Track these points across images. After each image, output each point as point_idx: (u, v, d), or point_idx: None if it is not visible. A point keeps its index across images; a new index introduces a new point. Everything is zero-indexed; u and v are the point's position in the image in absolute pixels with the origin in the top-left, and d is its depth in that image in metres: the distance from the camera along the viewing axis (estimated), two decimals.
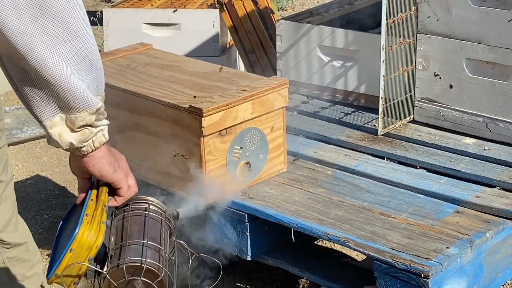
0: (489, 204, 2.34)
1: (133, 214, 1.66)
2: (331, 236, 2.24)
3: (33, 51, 1.35)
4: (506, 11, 2.56)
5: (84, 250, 1.52)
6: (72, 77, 1.40)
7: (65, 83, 1.39)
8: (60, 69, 1.38)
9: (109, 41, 3.92)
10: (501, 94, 2.64)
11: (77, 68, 1.40)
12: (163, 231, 1.67)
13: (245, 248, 2.42)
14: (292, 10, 6.77)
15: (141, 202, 1.70)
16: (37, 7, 1.33)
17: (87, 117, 1.47)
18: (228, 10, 3.73)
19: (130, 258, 1.54)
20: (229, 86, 2.48)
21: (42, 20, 1.34)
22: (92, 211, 1.58)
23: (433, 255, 2.11)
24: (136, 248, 1.57)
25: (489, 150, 2.63)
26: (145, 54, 2.81)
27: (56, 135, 1.47)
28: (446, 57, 2.74)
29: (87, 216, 1.56)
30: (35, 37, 1.34)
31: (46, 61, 1.36)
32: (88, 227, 1.54)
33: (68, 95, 1.41)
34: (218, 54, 3.90)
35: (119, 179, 1.61)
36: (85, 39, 1.40)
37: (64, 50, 1.38)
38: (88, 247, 1.53)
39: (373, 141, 2.76)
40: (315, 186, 2.51)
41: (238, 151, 2.42)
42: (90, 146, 1.53)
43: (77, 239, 1.52)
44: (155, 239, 1.62)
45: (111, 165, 1.58)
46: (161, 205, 1.73)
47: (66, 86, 1.39)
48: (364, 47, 2.95)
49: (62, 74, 1.38)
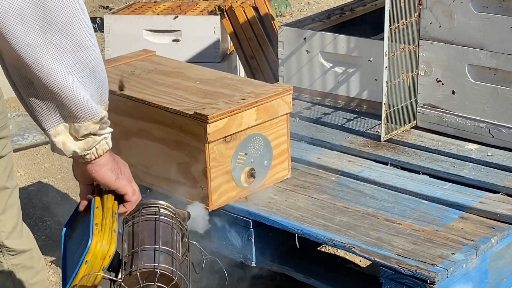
0: (493, 209, 2.35)
1: (144, 219, 1.67)
2: (336, 242, 2.24)
3: (39, 62, 1.38)
4: (509, 18, 2.58)
5: (98, 260, 1.54)
6: (76, 87, 1.42)
7: (69, 93, 1.42)
8: (65, 80, 1.40)
9: (110, 47, 3.93)
10: (504, 100, 2.65)
11: (81, 78, 1.43)
12: (175, 233, 1.68)
13: (249, 255, 2.43)
14: (290, 16, 6.79)
15: (151, 207, 1.71)
16: (43, 19, 1.36)
17: (91, 126, 1.49)
18: (228, 16, 3.74)
19: (143, 264, 1.56)
20: (234, 93, 2.49)
21: (48, 31, 1.37)
22: (101, 220, 1.60)
23: (438, 261, 2.11)
24: (149, 253, 1.59)
25: (492, 156, 2.64)
26: (148, 61, 2.82)
27: (60, 144, 1.50)
28: (449, 63, 2.75)
29: (96, 226, 1.57)
30: (41, 48, 1.37)
31: (51, 72, 1.39)
32: (99, 237, 1.55)
33: (72, 105, 1.44)
34: (219, 60, 3.91)
35: (122, 185, 1.63)
36: (91, 50, 1.43)
37: (69, 61, 1.40)
38: (102, 257, 1.54)
39: (376, 147, 2.77)
40: (319, 192, 2.51)
41: (243, 157, 2.42)
42: (94, 154, 1.55)
43: (91, 250, 1.53)
44: (167, 243, 1.63)
45: (114, 172, 1.60)
46: (171, 207, 1.74)
47: (71, 96, 1.42)
48: (366, 53, 2.96)
49: (66, 85, 1.41)
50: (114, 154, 1.63)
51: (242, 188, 2.47)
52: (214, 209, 2.41)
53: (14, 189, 2.29)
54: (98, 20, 6.13)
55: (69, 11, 1.38)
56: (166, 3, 4.30)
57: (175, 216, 1.72)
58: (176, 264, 1.59)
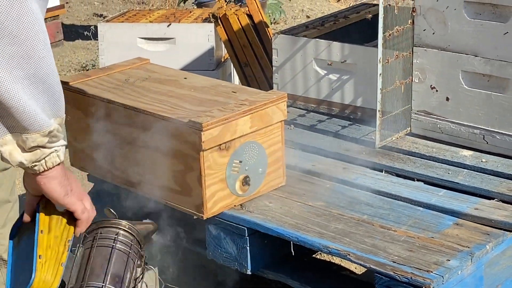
0: (488, 216, 2.35)
1: (100, 244, 1.66)
2: (331, 249, 2.24)
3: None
4: (502, 24, 2.58)
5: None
6: (24, 98, 1.41)
7: (15, 103, 1.41)
8: (11, 89, 1.39)
9: (104, 55, 3.92)
10: (498, 106, 2.66)
11: (32, 90, 1.42)
12: (129, 263, 1.67)
13: (245, 262, 2.42)
14: (284, 24, 6.80)
15: (111, 227, 1.69)
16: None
17: (38, 138, 1.48)
18: (222, 24, 3.74)
19: None
20: (228, 100, 2.49)
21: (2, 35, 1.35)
22: (45, 249, 1.57)
23: (434, 268, 2.11)
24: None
25: (487, 162, 2.64)
26: (142, 69, 2.82)
27: (7, 153, 1.49)
28: (443, 69, 2.75)
29: (40, 258, 1.55)
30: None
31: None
32: (43, 271, 1.54)
33: (18, 116, 1.43)
34: (213, 68, 3.91)
35: (71, 202, 1.60)
36: (43, 62, 1.42)
37: (19, 72, 1.39)
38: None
39: (370, 154, 2.77)
40: (314, 200, 2.51)
41: (238, 165, 2.42)
42: (43, 166, 1.53)
43: (33, 286, 1.53)
44: (117, 277, 1.62)
45: (63, 188, 1.57)
46: (133, 229, 1.71)
47: (17, 106, 1.41)
48: (360, 60, 2.96)
49: (12, 95, 1.40)
50: (67, 170, 1.60)
51: (237, 195, 2.47)
52: (209, 216, 2.41)
53: (15, 203, 2.29)
54: (92, 28, 6.14)
55: (20, 21, 1.37)
56: (160, 11, 4.30)
57: (136, 238, 1.71)
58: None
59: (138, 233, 1.75)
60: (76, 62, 5.85)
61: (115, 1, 7.76)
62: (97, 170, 2.68)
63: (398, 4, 2.72)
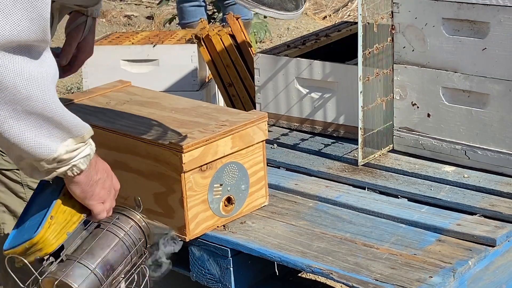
0: (470, 231, 2.35)
1: (112, 230, 1.77)
2: (314, 268, 2.24)
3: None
4: (480, 40, 2.60)
5: (34, 251, 1.66)
6: (24, 132, 1.53)
7: (16, 138, 1.53)
8: (11, 126, 1.51)
9: (88, 78, 3.92)
10: (478, 122, 2.67)
11: (30, 124, 1.53)
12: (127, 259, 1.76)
13: (228, 283, 2.42)
14: (270, 42, 6.82)
15: (129, 218, 1.81)
16: None
17: (45, 165, 1.60)
18: (205, 44, 3.75)
19: (69, 278, 1.67)
20: (209, 121, 2.49)
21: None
22: (58, 213, 1.69)
23: (416, 285, 2.11)
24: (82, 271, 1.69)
25: (469, 178, 2.65)
26: (124, 92, 2.82)
27: (28, 174, 1.64)
28: (423, 86, 2.77)
29: (51, 218, 1.68)
30: None
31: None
32: (49, 230, 1.67)
33: (22, 148, 1.55)
34: (197, 89, 3.91)
35: (89, 204, 1.74)
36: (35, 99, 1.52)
37: (14, 110, 1.50)
38: (40, 250, 1.66)
39: (353, 172, 2.77)
40: (297, 219, 2.51)
41: (219, 188, 2.42)
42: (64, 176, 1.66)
43: (33, 240, 1.65)
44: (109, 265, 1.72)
45: (83, 193, 1.71)
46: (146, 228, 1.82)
47: (19, 141, 1.53)
48: (341, 78, 2.97)
49: (12, 130, 1.52)
50: (98, 173, 1.73)
51: (219, 216, 2.46)
52: (191, 238, 2.41)
53: None
54: None
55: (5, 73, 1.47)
56: (144, 33, 4.31)
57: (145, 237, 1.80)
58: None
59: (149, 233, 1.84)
60: (62, 86, 5.86)
61: (101, 24, 7.78)
62: None
63: (377, 22, 2.74)
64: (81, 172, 1.66)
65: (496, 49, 2.57)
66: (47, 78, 1.55)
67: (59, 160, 1.60)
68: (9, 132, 1.52)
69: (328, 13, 7.99)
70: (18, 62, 1.49)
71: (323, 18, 7.89)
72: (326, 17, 7.91)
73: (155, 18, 7.86)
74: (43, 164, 1.59)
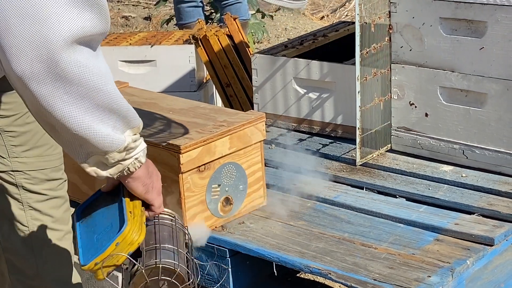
0: (468, 231, 2.35)
1: (163, 223, 1.81)
2: (312, 268, 2.24)
3: (55, 108, 1.54)
4: (478, 39, 2.60)
5: (126, 245, 1.66)
6: (94, 125, 1.57)
7: (88, 132, 1.57)
8: (81, 121, 1.56)
9: None
10: (476, 121, 2.67)
11: (98, 117, 1.57)
12: (184, 242, 1.83)
13: (227, 284, 2.42)
14: (268, 43, 6.82)
15: (167, 214, 1.85)
16: (53, 74, 1.51)
17: (116, 156, 1.64)
18: (203, 45, 3.75)
19: (166, 260, 1.70)
20: (206, 122, 2.49)
21: (60, 82, 1.52)
22: (132, 209, 1.72)
23: (415, 284, 2.11)
24: (169, 253, 1.73)
25: (467, 177, 2.65)
26: (121, 93, 2.81)
27: (93, 173, 1.67)
28: (421, 86, 2.77)
29: (130, 213, 1.70)
30: (55, 97, 1.53)
31: (67, 116, 1.55)
32: (132, 224, 1.68)
33: (93, 142, 1.59)
34: (195, 89, 3.91)
35: (151, 198, 1.79)
36: (102, 92, 1.57)
37: (83, 105, 1.55)
38: (131, 243, 1.67)
39: (351, 172, 2.77)
40: (295, 219, 2.51)
41: (217, 189, 2.42)
42: (126, 172, 1.69)
43: (123, 234, 1.66)
44: (182, 247, 1.78)
45: (145, 186, 1.76)
46: (179, 222, 1.88)
47: (89, 135, 1.58)
48: (339, 78, 2.97)
49: (83, 126, 1.56)
50: (150, 165, 1.77)
51: (218, 217, 2.46)
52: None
53: None
54: None
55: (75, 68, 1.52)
56: (141, 34, 4.31)
57: (186, 228, 1.89)
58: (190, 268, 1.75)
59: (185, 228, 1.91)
60: None
61: None
62: (78, 195, 2.67)
63: (374, 22, 2.74)
64: (141, 166, 1.70)
65: (494, 48, 2.57)
66: (108, 69, 1.60)
67: (128, 149, 1.64)
68: (83, 128, 1.55)
69: (325, 13, 7.99)
70: (85, 57, 1.53)
71: (320, 18, 7.89)
72: (323, 17, 7.91)
73: (153, 19, 7.86)
74: (114, 155, 1.62)
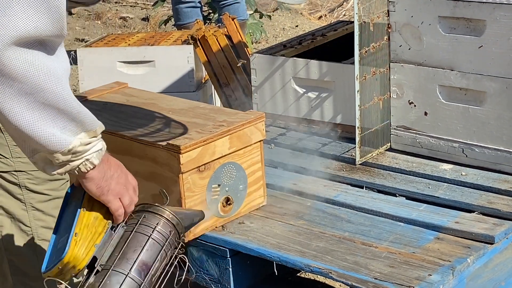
0: (468, 229, 2.35)
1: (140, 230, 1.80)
2: (313, 268, 2.24)
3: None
4: (476, 38, 2.60)
5: (69, 268, 1.69)
6: (36, 123, 1.57)
7: (28, 129, 1.57)
8: (22, 117, 1.55)
9: (84, 81, 3.93)
10: (475, 120, 2.67)
11: (43, 116, 1.57)
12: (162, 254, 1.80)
13: (227, 284, 2.42)
14: (266, 43, 6.83)
15: (156, 214, 1.84)
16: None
17: (61, 157, 1.63)
18: (201, 45, 3.76)
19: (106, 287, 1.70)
20: (206, 122, 2.49)
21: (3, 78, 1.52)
22: (82, 229, 1.72)
23: (415, 283, 2.11)
24: (118, 277, 1.71)
25: (466, 175, 2.65)
26: (120, 93, 2.82)
27: (41, 168, 1.66)
28: (420, 84, 2.77)
29: (76, 236, 1.71)
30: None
31: (8, 110, 1.54)
32: (76, 248, 1.70)
33: (36, 139, 1.58)
34: (193, 90, 3.92)
35: (106, 201, 1.77)
36: (49, 91, 1.56)
37: (26, 101, 1.54)
38: (73, 267, 1.69)
39: (351, 171, 2.77)
40: (295, 218, 2.51)
41: (217, 189, 2.42)
42: (77, 171, 1.69)
43: (63, 261, 1.68)
44: (144, 264, 1.75)
45: (99, 189, 1.74)
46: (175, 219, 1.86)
47: (30, 132, 1.57)
48: (338, 77, 2.97)
49: (24, 122, 1.56)
50: (111, 167, 1.78)
51: (218, 217, 2.46)
52: (190, 239, 2.40)
53: None
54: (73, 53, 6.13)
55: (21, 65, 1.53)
56: (140, 34, 4.31)
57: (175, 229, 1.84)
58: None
59: (178, 223, 1.88)
60: None
61: (97, 26, 7.78)
62: None
63: (373, 21, 2.74)
64: (94, 167, 1.70)
65: (493, 47, 2.58)
66: (62, 72, 1.59)
67: (74, 152, 1.63)
68: (25, 124, 1.55)
69: (323, 13, 7.99)
70: (35, 56, 1.53)
71: (318, 18, 7.89)
72: (321, 17, 7.92)
73: (151, 20, 7.86)
74: (58, 156, 1.61)
